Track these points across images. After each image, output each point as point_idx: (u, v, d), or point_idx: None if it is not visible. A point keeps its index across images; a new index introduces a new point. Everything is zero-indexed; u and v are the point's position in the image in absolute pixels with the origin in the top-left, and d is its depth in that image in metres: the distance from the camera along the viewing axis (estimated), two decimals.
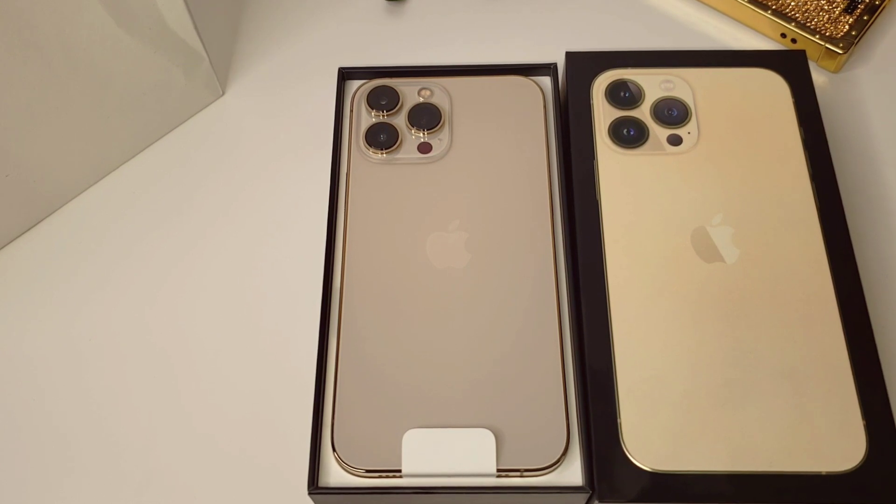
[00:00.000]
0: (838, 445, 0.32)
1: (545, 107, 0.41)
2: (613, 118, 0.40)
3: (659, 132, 0.39)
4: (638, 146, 0.39)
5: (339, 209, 0.38)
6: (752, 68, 0.41)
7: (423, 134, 0.40)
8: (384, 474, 0.33)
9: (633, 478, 0.32)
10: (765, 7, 0.46)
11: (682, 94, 0.40)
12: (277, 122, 0.45)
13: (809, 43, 0.45)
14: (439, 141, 0.40)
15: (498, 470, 0.32)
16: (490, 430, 0.33)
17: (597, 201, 0.38)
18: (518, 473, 0.32)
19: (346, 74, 0.42)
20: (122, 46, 0.39)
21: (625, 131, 0.39)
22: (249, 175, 0.43)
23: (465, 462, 0.32)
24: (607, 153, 0.39)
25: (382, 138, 0.40)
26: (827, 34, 0.45)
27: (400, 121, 0.40)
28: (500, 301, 0.36)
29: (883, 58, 0.46)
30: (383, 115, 0.40)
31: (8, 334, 0.40)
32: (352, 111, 0.41)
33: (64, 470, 0.37)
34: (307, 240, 0.41)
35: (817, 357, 0.34)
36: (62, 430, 0.37)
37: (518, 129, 0.40)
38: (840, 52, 0.44)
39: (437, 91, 0.41)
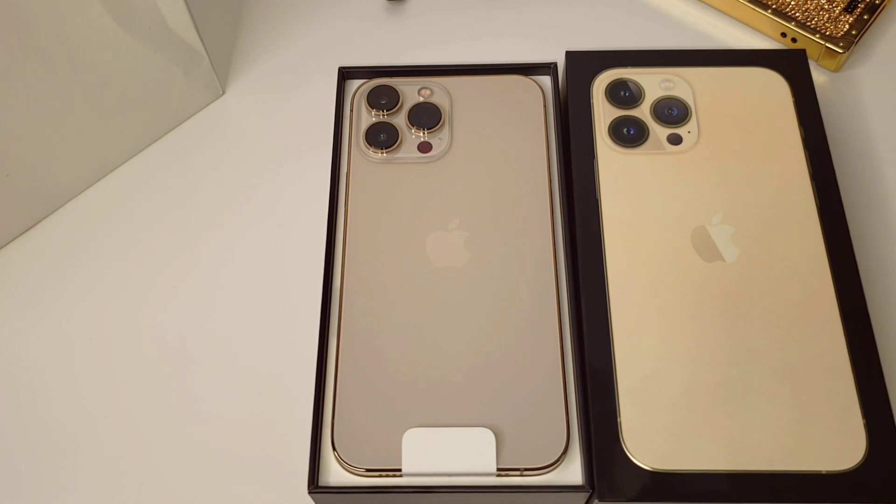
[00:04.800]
0: (838, 444, 0.32)
1: (545, 106, 0.41)
2: (613, 117, 0.40)
3: (659, 131, 0.39)
4: (638, 145, 0.39)
5: (340, 209, 0.39)
6: (752, 67, 0.41)
7: (424, 133, 0.40)
8: (384, 473, 0.33)
9: (633, 477, 0.32)
10: (765, 6, 0.46)
11: (682, 93, 0.40)
12: (277, 122, 0.45)
13: (809, 42, 0.45)
14: (439, 140, 0.40)
15: (498, 469, 0.32)
16: (490, 429, 0.33)
17: (597, 200, 0.38)
18: (518, 472, 0.32)
19: (346, 74, 0.42)
20: (122, 46, 0.39)
21: (625, 130, 0.39)
22: (249, 174, 0.43)
23: (465, 461, 0.32)
24: (607, 152, 0.39)
25: (382, 138, 0.40)
26: (827, 33, 0.45)
27: (400, 120, 0.40)
28: (500, 300, 0.36)
29: (883, 57, 0.46)
30: (383, 115, 0.40)
31: (8, 334, 0.40)
32: (352, 111, 0.41)
33: (61, 470, 0.37)
34: (307, 239, 0.41)
35: (817, 356, 0.34)
36: (62, 429, 0.37)
37: (518, 128, 0.40)
38: (840, 51, 0.44)
39: (438, 90, 0.41)
